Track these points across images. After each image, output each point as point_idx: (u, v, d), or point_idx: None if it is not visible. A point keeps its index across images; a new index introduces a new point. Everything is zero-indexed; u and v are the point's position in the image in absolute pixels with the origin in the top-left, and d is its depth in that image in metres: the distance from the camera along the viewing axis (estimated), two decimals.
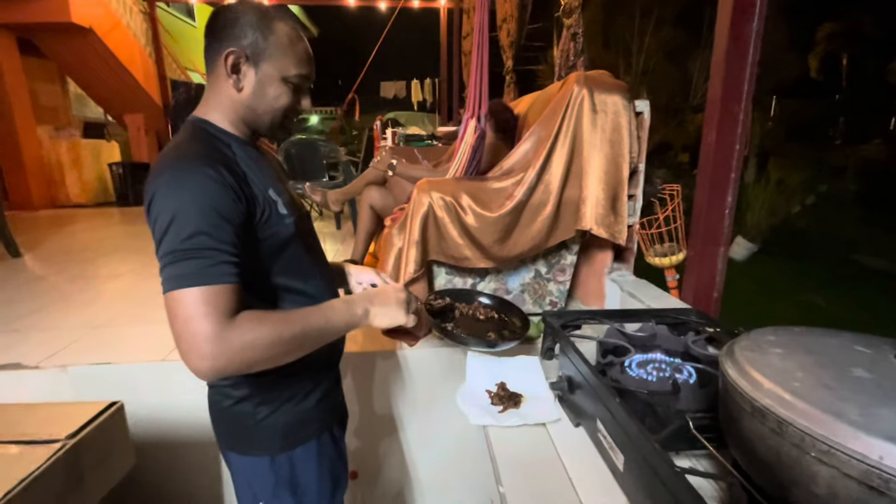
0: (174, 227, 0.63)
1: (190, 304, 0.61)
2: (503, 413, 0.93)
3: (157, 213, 0.64)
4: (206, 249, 0.63)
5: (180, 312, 0.62)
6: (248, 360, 0.64)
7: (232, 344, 0.62)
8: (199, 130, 0.75)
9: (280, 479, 0.83)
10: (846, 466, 0.43)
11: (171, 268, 0.63)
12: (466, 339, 1.13)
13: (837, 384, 0.50)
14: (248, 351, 0.63)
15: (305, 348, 0.71)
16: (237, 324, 0.63)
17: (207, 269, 0.63)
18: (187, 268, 0.62)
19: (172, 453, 1.48)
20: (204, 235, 0.63)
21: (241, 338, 0.63)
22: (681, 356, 0.90)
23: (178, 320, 0.62)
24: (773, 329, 0.65)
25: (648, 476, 0.61)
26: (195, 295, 0.62)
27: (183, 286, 0.62)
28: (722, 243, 1.46)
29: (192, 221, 0.63)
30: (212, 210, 0.64)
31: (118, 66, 5.80)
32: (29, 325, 1.80)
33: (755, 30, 1.31)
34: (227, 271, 0.65)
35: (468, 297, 1.34)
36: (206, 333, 0.61)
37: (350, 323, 0.76)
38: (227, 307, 0.63)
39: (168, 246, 0.63)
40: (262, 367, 0.67)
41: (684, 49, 8.46)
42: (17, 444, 0.93)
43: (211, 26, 0.74)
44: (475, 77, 1.71)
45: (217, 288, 0.63)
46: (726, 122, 1.38)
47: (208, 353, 0.61)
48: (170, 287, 0.63)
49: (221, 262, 0.64)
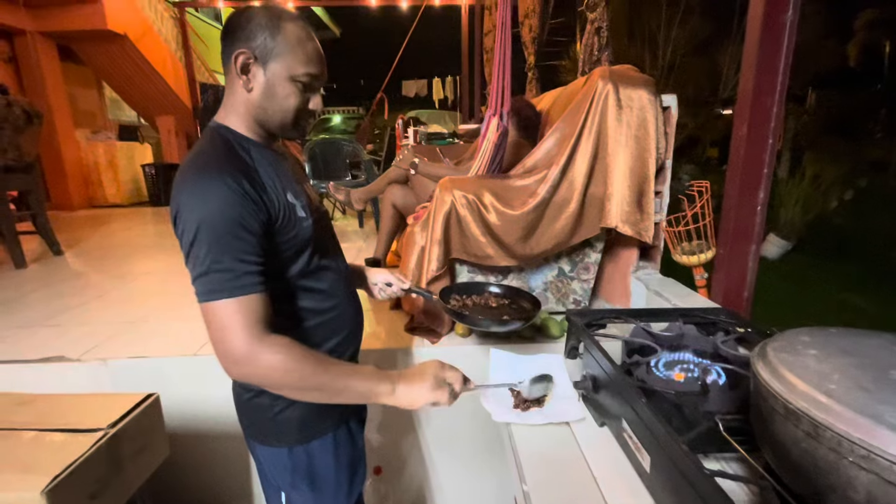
0: (199, 241, 0.66)
1: (222, 316, 0.66)
2: (526, 411, 0.93)
3: (183, 228, 0.68)
4: (233, 261, 0.67)
5: (215, 322, 0.67)
6: (268, 381, 0.69)
7: (261, 359, 0.67)
8: (219, 137, 0.76)
9: (297, 469, 0.86)
10: (887, 472, 0.42)
11: (202, 281, 0.67)
12: (479, 321, 1.16)
13: (876, 386, 0.48)
14: (271, 372, 0.68)
15: (322, 395, 0.72)
16: (271, 342, 0.68)
17: (235, 281, 0.67)
18: (216, 281, 0.66)
19: (204, 444, 1.53)
20: (228, 248, 0.67)
21: (271, 357, 0.67)
22: (710, 357, 0.88)
23: (213, 329, 0.67)
24: (808, 329, 0.63)
25: (676, 478, 0.60)
26: (228, 306, 0.66)
27: (214, 299, 0.66)
28: (753, 241, 1.41)
29: (218, 235, 0.66)
30: (234, 222, 0.67)
31: (150, 71, 6.01)
32: (70, 319, 1.89)
33: (790, 19, 1.26)
34: (254, 281, 0.68)
35: (478, 288, 1.37)
36: (240, 341, 0.66)
37: (372, 394, 0.74)
38: (258, 316, 0.68)
39: (195, 259, 0.67)
40: (279, 392, 0.72)
41: (713, 40, 8.19)
42: (61, 433, 0.98)
43: (225, 30, 0.76)
44: (497, 74, 1.70)
45: (249, 298, 0.67)
46: (758, 116, 1.33)
47: (240, 360, 0.67)
48: (203, 299, 0.67)
49: (247, 273, 0.68)
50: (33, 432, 0.98)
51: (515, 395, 0.97)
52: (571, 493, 0.72)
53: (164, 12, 6.40)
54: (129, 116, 7.59)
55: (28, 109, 2.85)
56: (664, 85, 7.56)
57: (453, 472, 1.64)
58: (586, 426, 0.89)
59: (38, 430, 0.99)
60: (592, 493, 0.71)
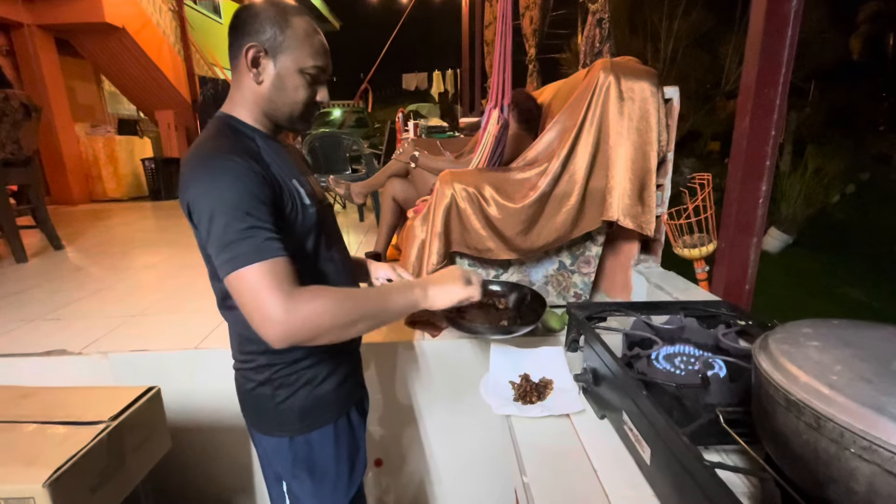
0: (218, 217, 0.66)
1: (254, 279, 0.65)
2: (526, 404, 0.93)
3: (199, 210, 0.68)
4: (253, 228, 0.67)
5: (247, 288, 0.65)
6: (315, 328, 0.67)
7: (300, 309, 0.65)
8: (225, 126, 0.78)
9: (298, 459, 0.87)
10: (888, 463, 0.41)
11: (226, 252, 0.66)
12: (478, 328, 1.10)
13: (878, 378, 0.47)
14: (315, 318, 0.66)
15: (367, 323, 0.73)
16: (303, 292, 0.67)
17: (261, 245, 0.66)
18: (242, 248, 0.66)
19: (205, 437, 1.54)
20: (249, 216, 0.67)
21: (309, 305, 0.66)
22: (710, 349, 0.88)
23: (246, 295, 0.66)
24: (810, 321, 0.63)
25: (676, 470, 0.60)
26: (257, 270, 0.65)
27: (243, 265, 0.65)
28: (755, 234, 1.41)
29: (234, 207, 0.66)
30: (248, 193, 0.68)
31: (149, 64, 5.98)
32: (71, 313, 1.89)
33: (794, 9, 1.24)
34: (277, 246, 0.68)
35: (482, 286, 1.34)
36: (276, 300, 0.64)
37: (410, 303, 0.79)
38: (288, 277, 0.67)
39: (217, 235, 0.67)
40: (327, 339, 0.69)
41: (716, 33, 8.12)
42: (63, 425, 0.99)
43: (233, 24, 0.77)
44: (498, 66, 1.69)
45: (275, 261, 0.66)
46: (761, 108, 1.32)
47: (280, 319, 0.64)
48: (230, 269, 0.66)
49: (268, 239, 0.68)
50: (35, 425, 0.98)
51: (515, 387, 0.98)
52: (571, 485, 0.72)
53: (163, 5, 6.36)
54: (129, 110, 7.57)
55: (26, 103, 2.84)
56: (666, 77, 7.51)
57: (454, 465, 1.65)
58: (587, 419, 0.89)
59: (39, 422, 0.99)
60: (592, 485, 0.71)
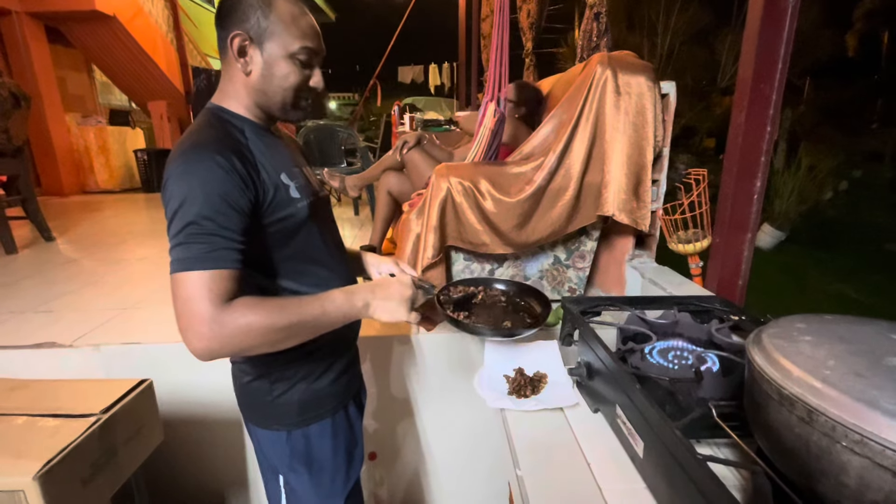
0: (181, 211, 0.65)
1: (190, 287, 0.64)
2: (521, 397, 0.94)
3: (168, 198, 0.67)
4: (210, 235, 0.66)
5: (181, 293, 0.65)
6: (241, 345, 0.66)
7: (226, 327, 0.64)
8: (214, 117, 0.76)
9: (296, 453, 0.86)
10: (879, 456, 0.42)
11: (177, 251, 0.66)
12: (480, 329, 1.05)
13: (871, 373, 0.48)
14: (242, 335, 0.65)
15: (301, 336, 0.72)
16: (233, 308, 0.66)
17: (209, 254, 0.65)
18: (191, 251, 0.65)
19: (199, 430, 1.54)
20: (209, 221, 0.66)
21: (236, 322, 0.65)
22: (704, 344, 0.88)
23: (179, 300, 0.65)
24: (803, 316, 0.63)
25: (669, 463, 0.60)
26: (196, 278, 0.64)
27: (185, 269, 0.65)
28: (749, 230, 1.41)
29: (198, 207, 0.65)
30: (218, 197, 0.66)
31: (141, 54, 5.89)
32: (63, 305, 1.87)
33: (791, 5, 1.24)
34: (229, 257, 0.67)
35: (485, 283, 1.31)
36: (203, 315, 0.63)
37: (348, 314, 0.76)
38: (225, 291, 0.65)
39: (175, 230, 0.66)
40: (258, 352, 0.69)
41: (712, 29, 8.11)
42: (54, 418, 0.98)
43: (218, 13, 0.75)
44: (495, 60, 1.67)
45: (217, 273, 0.65)
46: (757, 103, 1.32)
47: (204, 334, 0.64)
48: (175, 269, 0.65)
49: (223, 248, 0.66)
50: (25, 417, 0.97)
51: (510, 381, 0.98)
52: (565, 478, 0.72)
53: None
54: (120, 101, 7.46)
55: (15, 92, 2.79)
56: (662, 72, 7.51)
57: (448, 458, 1.66)
58: (580, 412, 0.89)
59: (30, 415, 0.98)
60: (586, 478, 0.72)
